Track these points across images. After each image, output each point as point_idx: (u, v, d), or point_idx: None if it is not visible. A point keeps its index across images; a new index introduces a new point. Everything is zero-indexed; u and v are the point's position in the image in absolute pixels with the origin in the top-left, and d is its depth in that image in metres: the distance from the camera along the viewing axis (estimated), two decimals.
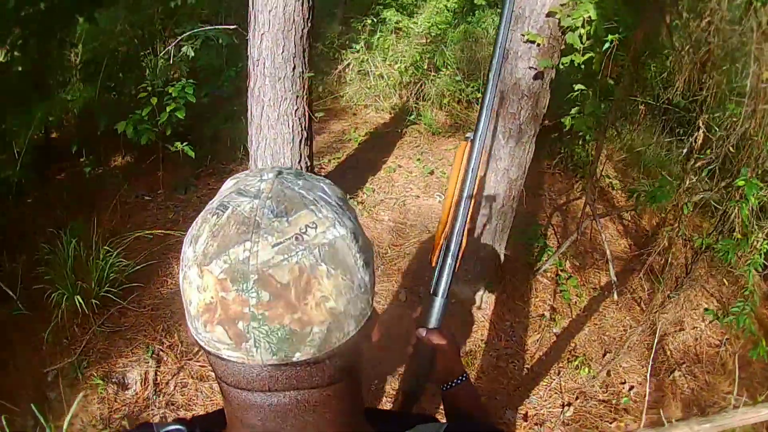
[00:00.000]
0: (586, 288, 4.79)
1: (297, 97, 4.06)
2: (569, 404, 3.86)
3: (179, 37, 4.80)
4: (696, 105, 3.80)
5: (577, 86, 3.98)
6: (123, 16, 5.74)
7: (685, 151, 4.42)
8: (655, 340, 3.77)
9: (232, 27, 4.43)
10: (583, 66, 3.43)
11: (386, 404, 3.60)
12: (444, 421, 1.00)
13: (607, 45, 3.42)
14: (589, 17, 3.17)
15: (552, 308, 4.53)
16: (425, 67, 7.39)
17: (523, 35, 3.38)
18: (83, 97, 5.52)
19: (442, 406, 1.33)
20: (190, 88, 4.68)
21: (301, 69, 4.04)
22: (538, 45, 3.38)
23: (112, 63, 5.59)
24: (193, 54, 5.79)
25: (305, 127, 4.35)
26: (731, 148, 3.04)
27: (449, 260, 1.33)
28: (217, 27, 4.72)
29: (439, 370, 1.34)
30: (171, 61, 5.65)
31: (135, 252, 4.31)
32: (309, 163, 4.58)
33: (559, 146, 6.35)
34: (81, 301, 3.68)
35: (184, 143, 4.75)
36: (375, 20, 8.02)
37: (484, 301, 4.35)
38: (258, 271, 0.63)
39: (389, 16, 8.06)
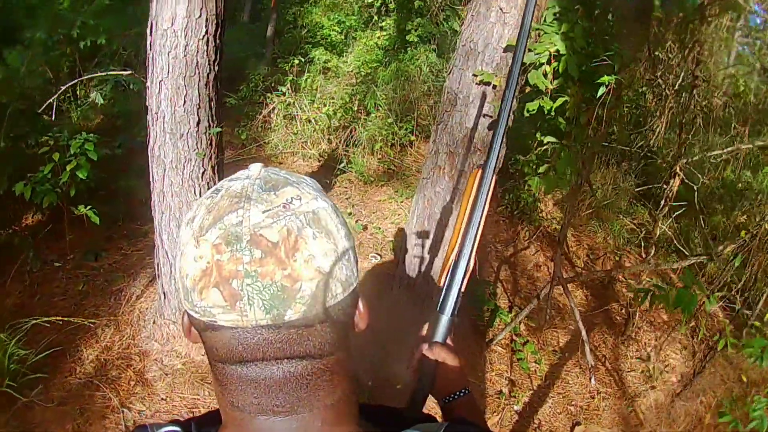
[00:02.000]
0: (545, 352, 4.41)
1: (204, 157, 3.49)
2: None
3: (75, 81, 4.10)
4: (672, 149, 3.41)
5: (547, 138, 3.36)
6: (29, 57, 5.10)
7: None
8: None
9: (126, 72, 3.83)
10: (553, 113, 2.92)
11: None
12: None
13: (602, 90, 2.86)
14: (557, 51, 2.68)
15: (510, 381, 4.10)
16: (355, 109, 7.00)
17: (476, 75, 2.88)
18: None
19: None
20: (91, 144, 4.14)
21: (207, 123, 3.43)
22: (494, 87, 2.87)
23: (15, 110, 4.95)
24: (102, 101, 5.18)
25: None
26: None
27: (457, 280, 1.35)
28: (111, 73, 4.06)
29: (441, 382, 1.33)
30: (77, 110, 5.02)
31: (39, 335, 3.81)
32: None
33: (501, 190, 5.94)
34: None
35: (88, 207, 4.25)
36: (303, 60, 7.64)
37: None
38: (250, 232, 0.69)
39: (318, 56, 7.74)
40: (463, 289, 1.37)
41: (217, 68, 3.34)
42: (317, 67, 7.60)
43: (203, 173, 3.53)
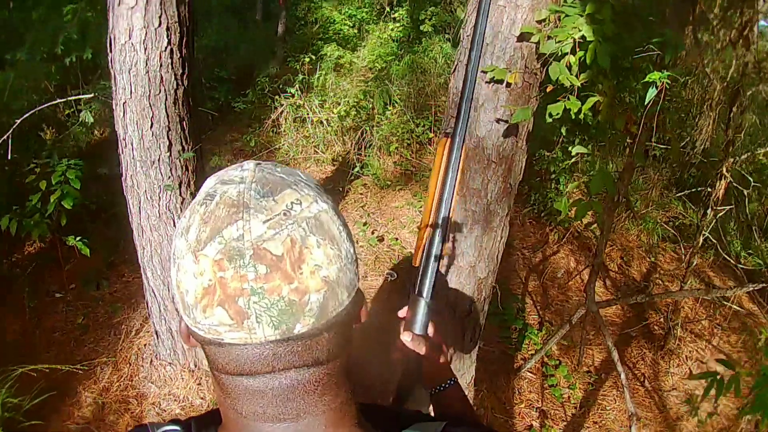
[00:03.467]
0: (579, 373, 3.96)
1: (181, 186, 3.12)
2: None
3: (40, 107, 3.70)
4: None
5: (575, 149, 2.83)
6: (12, 79, 4.85)
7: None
8: None
9: (88, 96, 3.45)
10: (582, 117, 2.33)
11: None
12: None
13: (652, 92, 2.28)
14: (582, 38, 2.14)
15: (541, 413, 3.71)
16: (369, 107, 6.58)
17: (485, 71, 2.34)
18: None
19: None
20: (73, 172, 3.81)
21: (179, 146, 3.06)
22: (509, 86, 2.36)
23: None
24: (92, 119, 4.88)
25: None
26: None
27: (432, 261, 1.30)
28: (80, 97, 3.66)
29: (426, 374, 1.30)
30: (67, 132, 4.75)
31: (34, 379, 3.56)
32: None
33: (527, 188, 5.51)
34: None
35: (78, 238, 3.96)
36: (314, 57, 7.28)
37: None
38: (253, 246, 0.65)
39: (329, 52, 7.42)
40: (441, 269, 1.33)
41: (186, 82, 2.95)
42: (329, 64, 7.27)
43: (182, 202, 3.18)
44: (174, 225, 3.18)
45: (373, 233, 5.15)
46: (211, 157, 6.01)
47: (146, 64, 2.79)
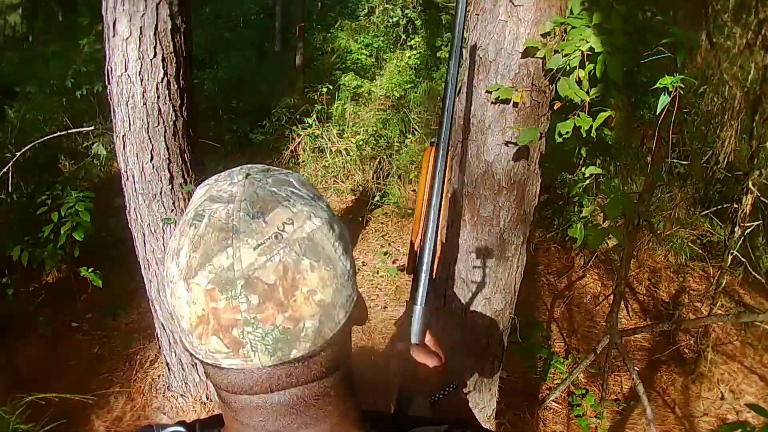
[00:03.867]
0: (606, 401, 3.79)
1: None
2: None
3: (58, 133, 3.65)
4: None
5: (589, 169, 2.69)
6: (22, 113, 4.89)
7: None
8: None
9: (87, 129, 3.40)
10: (594, 134, 2.14)
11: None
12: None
13: (664, 99, 2.07)
14: (591, 49, 1.98)
15: None
16: (389, 135, 6.51)
17: (489, 91, 2.20)
18: None
19: None
20: (83, 204, 3.80)
21: (181, 179, 3.00)
22: (516, 105, 2.21)
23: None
24: (105, 152, 4.90)
25: None
26: None
27: (424, 268, 1.23)
28: (71, 131, 3.58)
29: (424, 383, 1.23)
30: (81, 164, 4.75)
31: (46, 407, 3.47)
32: None
33: (550, 213, 5.38)
34: None
35: (90, 270, 4.00)
36: (331, 87, 7.25)
37: None
38: (244, 275, 0.64)
39: (347, 81, 7.38)
40: (433, 276, 1.28)
41: (185, 113, 2.89)
42: (347, 93, 7.24)
43: None
44: None
45: (394, 263, 5.07)
46: None
47: (143, 96, 2.75)
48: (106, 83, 2.82)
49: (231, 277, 0.63)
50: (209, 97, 7.67)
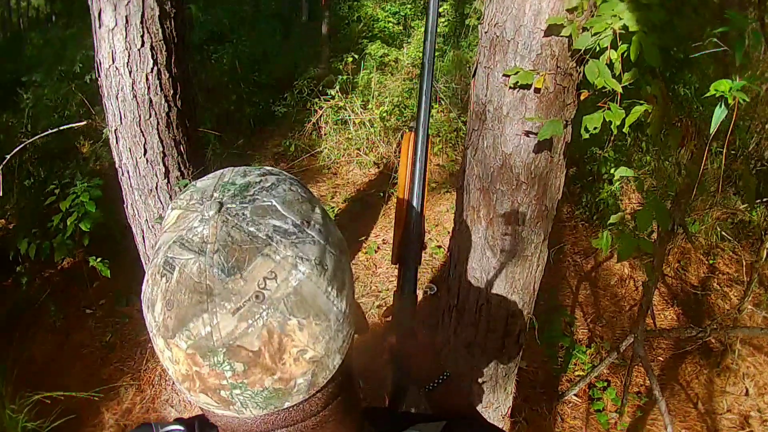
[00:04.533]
0: (629, 394, 3.58)
1: None
2: None
3: (52, 130, 3.55)
4: None
5: (619, 171, 2.32)
6: (32, 100, 4.84)
7: None
8: None
9: (80, 123, 3.29)
10: (626, 130, 1.81)
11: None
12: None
13: (720, 112, 1.62)
14: (624, 27, 1.64)
15: None
16: (415, 105, 6.28)
17: (507, 75, 1.91)
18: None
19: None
20: (87, 195, 3.72)
21: (177, 172, 2.88)
22: (538, 91, 1.91)
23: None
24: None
25: None
26: None
27: (409, 257, 1.25)
28: (64, 126, 3.45)
29: (416, 373, 1.23)
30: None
31: (52, 404, 3.49)
32: None
33: (579, 188, 5.15)
34: None
35: (98, 259, 3.89)
36: (357, 57, 7.05)
37: None
38: (225, 344, 0.58)
39: (373, 50, 7.19)
40: (419, 264, 1.28)
41: (179, 103, 2.76)
42: (373, 63, 7.03)
43: None
44: None
45: None
46: (252, 163, 5.87)
47: (133, 88, 2.64)
48: (96, 76, 2.72)
49: (211, 345, 0.58)
50: (230, 71, 7.56)
